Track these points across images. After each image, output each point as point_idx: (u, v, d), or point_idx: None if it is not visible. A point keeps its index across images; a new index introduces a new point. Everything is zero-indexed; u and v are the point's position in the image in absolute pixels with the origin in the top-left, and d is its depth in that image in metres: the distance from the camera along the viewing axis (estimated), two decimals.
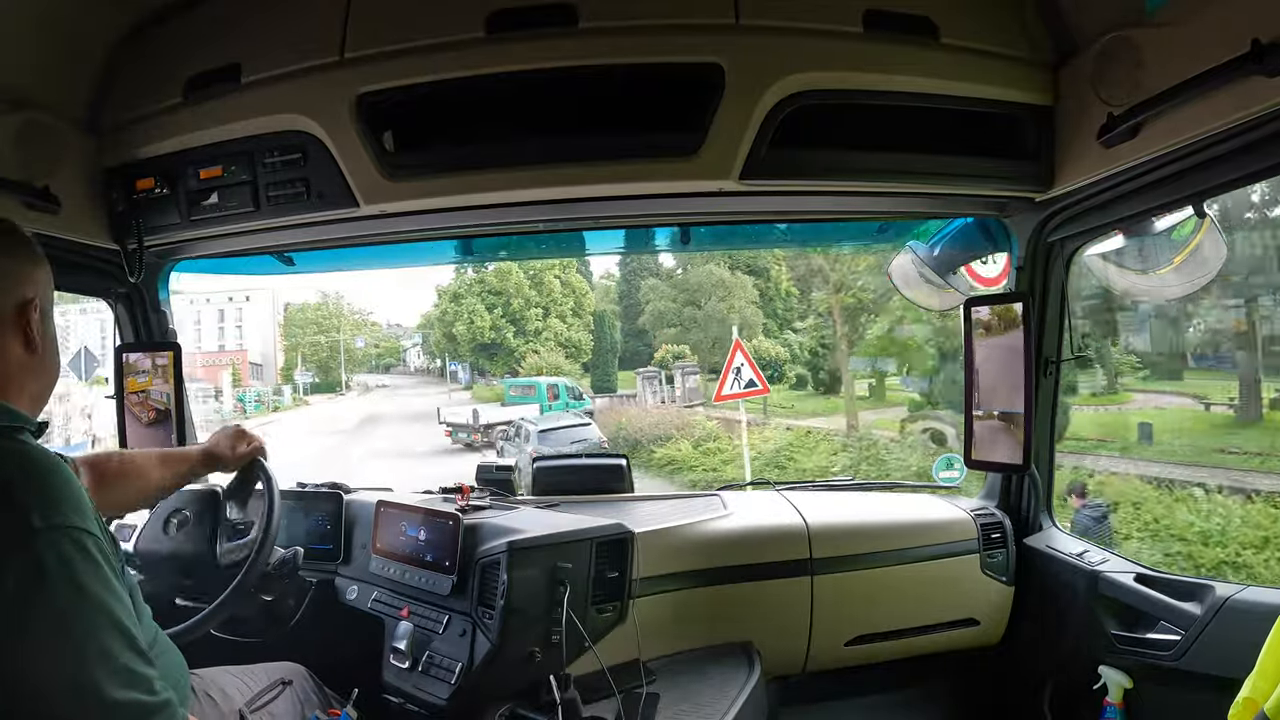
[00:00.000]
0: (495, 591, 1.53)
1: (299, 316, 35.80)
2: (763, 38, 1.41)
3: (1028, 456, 1.78)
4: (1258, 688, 0.96)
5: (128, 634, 0.85)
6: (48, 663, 0.79)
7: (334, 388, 34.71)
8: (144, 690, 0.84)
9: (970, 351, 1.88)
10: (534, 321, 27.37)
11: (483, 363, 29.27)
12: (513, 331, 27.44)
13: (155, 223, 1.66)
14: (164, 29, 1.57)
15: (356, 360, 37.27)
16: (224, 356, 32.41)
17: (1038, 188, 1.60)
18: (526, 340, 27.17)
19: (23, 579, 0.79)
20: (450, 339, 28.90)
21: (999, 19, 1.49)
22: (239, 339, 34.51)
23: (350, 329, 36.35)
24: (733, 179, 1.46)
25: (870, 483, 2.42)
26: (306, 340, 34.77)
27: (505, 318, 27.49)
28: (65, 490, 0.86)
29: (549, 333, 27.29)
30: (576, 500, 2.04)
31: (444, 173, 1.50)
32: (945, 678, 2.09)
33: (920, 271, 2.12)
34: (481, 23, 1.41)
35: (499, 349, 27.64)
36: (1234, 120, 1.17)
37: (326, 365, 35.33)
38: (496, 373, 28.12)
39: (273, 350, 34.80)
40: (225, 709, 1.28)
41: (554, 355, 26.20)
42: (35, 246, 1.01)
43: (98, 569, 0.84)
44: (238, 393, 29.03)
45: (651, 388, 21.56)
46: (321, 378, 34.95)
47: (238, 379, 31.14)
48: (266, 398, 30.21)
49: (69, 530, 0.83)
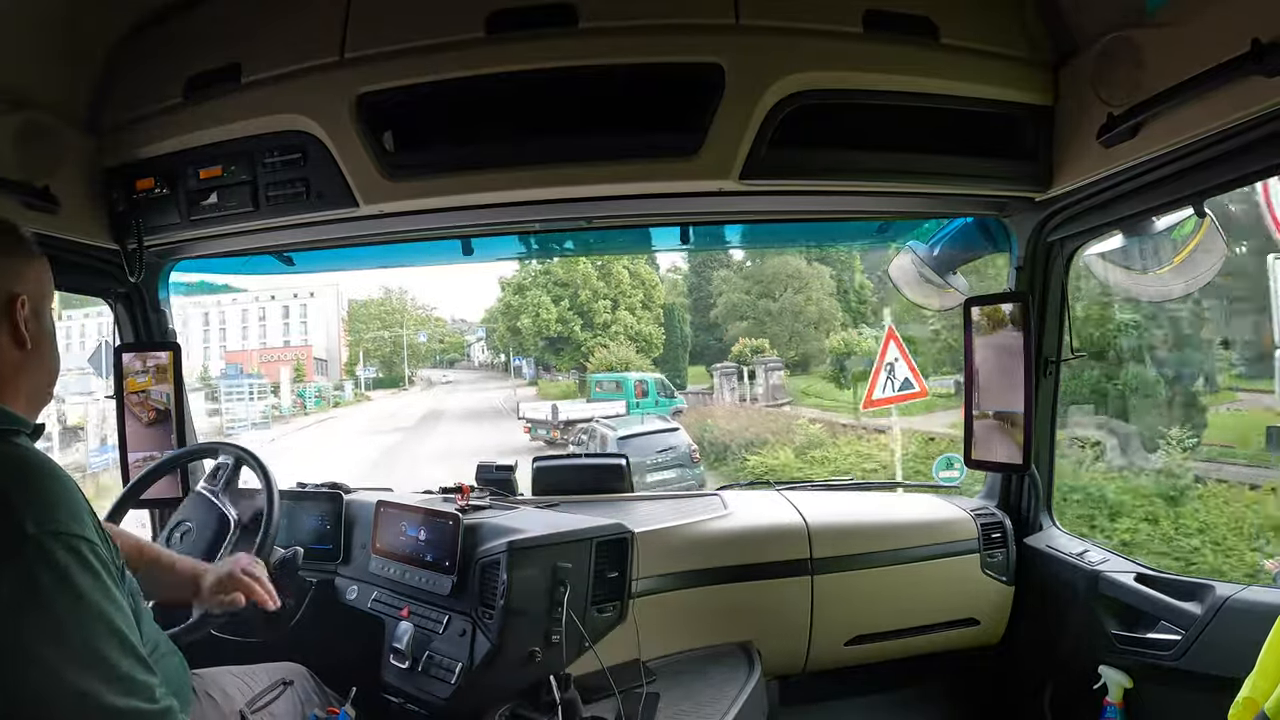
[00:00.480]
0: (495, 591, 1.53)
1: (362, 312, 35.58)
2: (763, 38, 1.41)
3: (1028, 456, 1.78)
4: (1258, 687, 0.97)
5: (127, 641, 0.84)
6: (46, 671, 0.78)
7: (397, 383, 34.37)
8: (144, 698, 0.83)
9: (970, 351, 1.88)
10: (602, 314, 25.93)
11: (548, 357, 28.06)
12: (580, 324, 26.10)
13: (155, 223, 1.66)
14: (164, 29, 1.57)
15: (420, 355, 36.91)
16: (289, 352, 32.31)
17: (1037, 188, 1.60)
18: (594, 334, 25.80)
19: (18, 587, 0.79)
20: (515, 333, 27.78)
21: (999, 19, 1.49)
22: (304, 334, 34.50)
23: (414, 324, 35.99)
24: (733, 179, 1.46)
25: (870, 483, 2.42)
26: (370, 335, 34.47)
27: (572, 310, 26.11)
28: (62, 496, 0.86)
29: (618, 326, 25.87)
30: (576, 500, 2.04)
31: (444, 173, 1.50)
32: (945, 677, 2.09)
33: (920, 271, 2.12)
34: (481, 23, 1.41)
35: (565, 343, 26.41)
36: (1234, 120, 1.17)
37: (390, 360, 35.08)
38: (562, 367, 27.11)
39: (337, 346, 34.77)
40: (226, 709, 1.28)
41: (624, 349, 24.71)
42: (27, 244, 1.01)
43: (95, 576, 0.83)
44: (298, 388, 28.47)
45: (729, 384, 20.26)
46: (385, 373, 34.69)
47: (301, 374, 30.80)
48: (327, 393, 29.73)
49: (64, 537, 0.82)
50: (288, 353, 32.24)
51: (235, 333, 34.04)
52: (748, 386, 20.06)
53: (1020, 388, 1.77)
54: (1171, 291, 1.67)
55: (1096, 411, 9.25)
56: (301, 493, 1.93)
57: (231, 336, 33.86)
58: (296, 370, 31.00)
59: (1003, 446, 1.83)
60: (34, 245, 1.01)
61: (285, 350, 32.58)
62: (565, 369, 26.87)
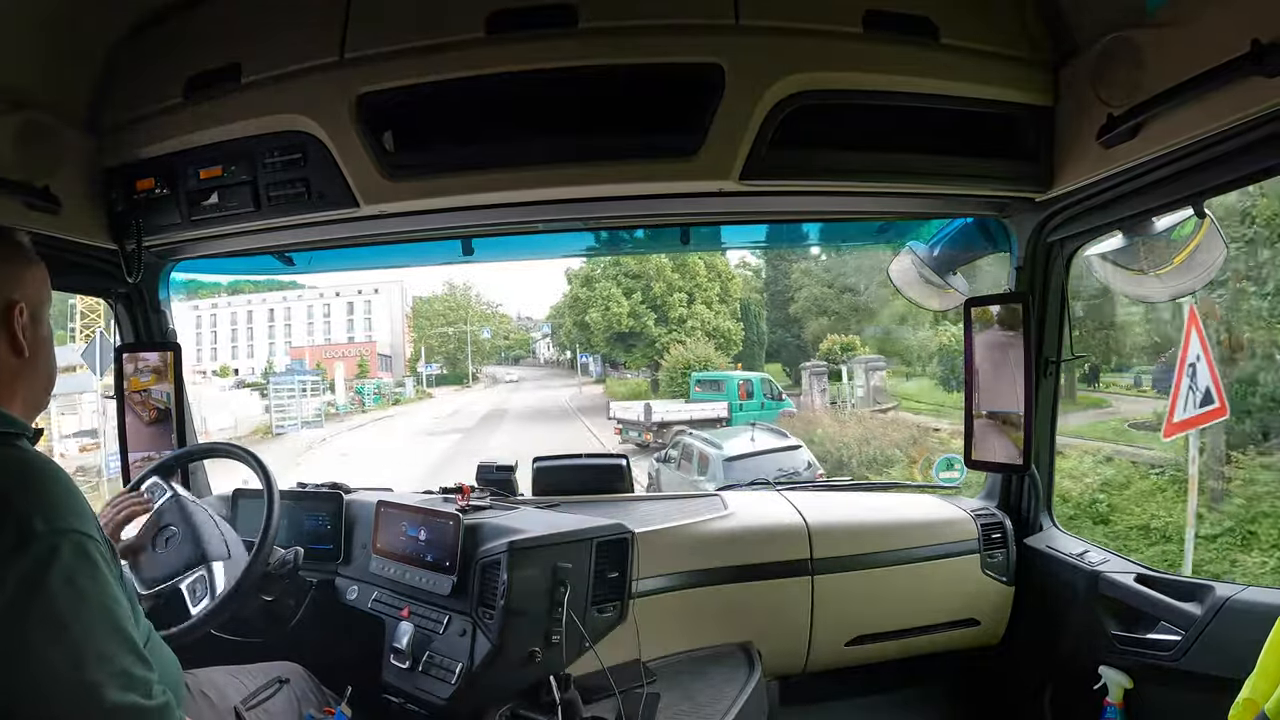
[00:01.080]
0: (496, 591, 1.53)
1: (426, 308, 35.05)
2: (763, 38, 1.41)
3: (1028, 457, 1.78)
4: (1258, 688, 0.97)
5: (127, 638, 0.85)
6: (47, 665, 0.79)
7: (461, 380, 33.81)
8: (142, 693, 0.84)
9: (970, 352, 1.88)
10: (677, 308, 24.08)
11: (617, 354, 26.25)
12: (654, 319, 24.32)
13: (155, 223, 1.66)
14: (164, 29, 1.57)
15: (485, 352, 36.39)
16: (353, 348, 32.12)
17: (1037, 188, 1.60)
18: (669, 329, 24.04)
19: (23, 582, 0.80)
20: (582, 328, 25.93)
21: (999, 19, 1.49)
22: (368, 330, 34.33)
23: (478, 320, 35.37)
24: (733, 179, 1.46)
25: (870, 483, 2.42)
26: (434, 332, 33.91)
27: (645, 304, 24.29)
28: (65, 495, 0.87)
29: (694, 320, 24.03)
30: (576, 500, 2.04)
31: (444, 173, 1.50)
32: (945, 678, 2.09)
33: (920, 272, 2.12)
34: (481, 23, 1.41)
35: (637, 338, 24.58)
36: (1234, 120, 1.17)
37: (454, 357, 34.57)
38: (633, 365, 25.52)
39: (401, 342, 34.52)
40: (221, 707, 1.28)
41: (702, 346, 22.77)
42: (25, 250, 1.01)
43: (97, 572, 0.84)
44: (356, 384, 27.78)
45: (819, 385, 18.09)
46: (449, 369, 34.16)
47: (365, 370, 30.39)
48: (387, 390, 28.94)
49: (70, 534, 0.83)
50: (351, 349, 31.94)
51: (300, 329, 33.93)
52: (844, 388, 17.82)
53: (1020, 388, 1.77)
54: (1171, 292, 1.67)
55: None
56: (302, 493, 1.94)
57: (297, 332, 33.72)
58: (360, 366, 30.49)
59: (1003, 447, 1.83)
60: (31, 251, 1.01)
61: (350, 346, 32.29)
62: (637, 366, 25.32)
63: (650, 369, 24.34)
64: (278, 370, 26.69)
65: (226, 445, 1.77)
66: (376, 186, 1.49)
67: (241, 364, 31.99)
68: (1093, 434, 9.80)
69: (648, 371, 24.85)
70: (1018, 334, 1.78)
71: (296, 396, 21.75)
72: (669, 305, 24.20)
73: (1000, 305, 1.83)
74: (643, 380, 25.23)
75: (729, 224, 2.09)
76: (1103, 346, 11.26)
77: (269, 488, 1.57)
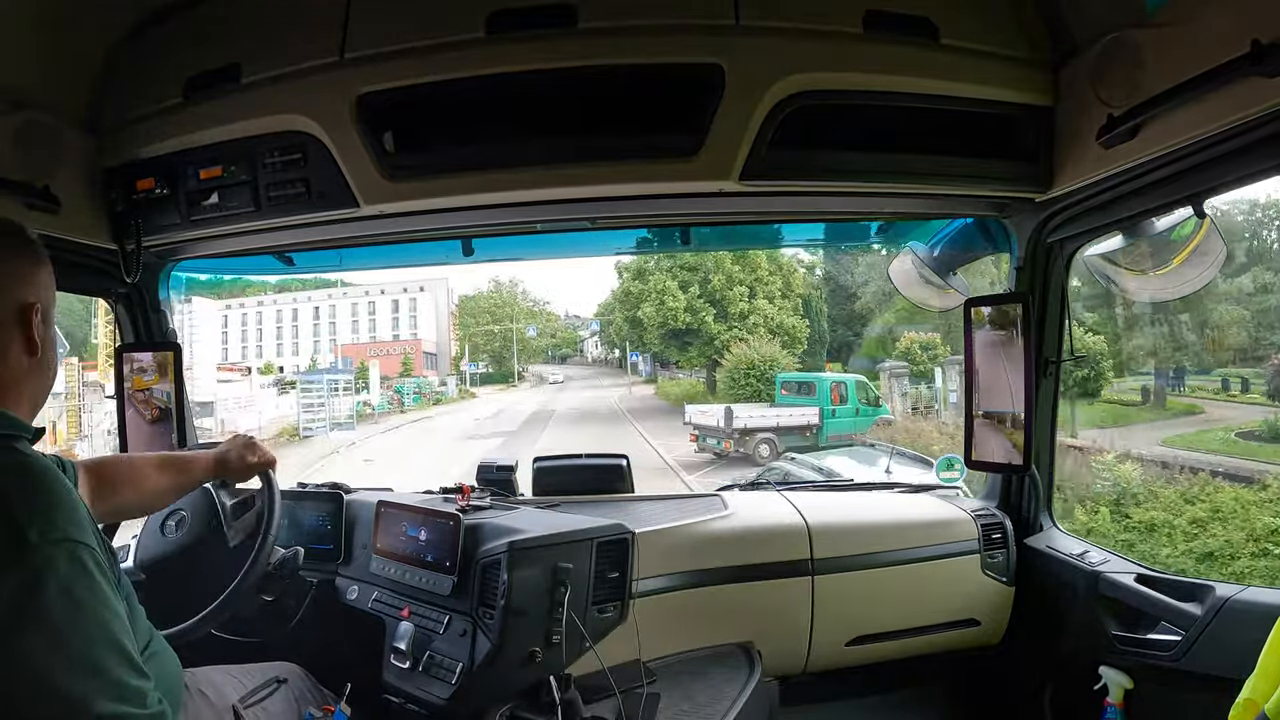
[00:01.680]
0: (496, 592, 1.53)
1: (471, 305, 34.14)
2: (763, 38, 1.41)
3: (1028, 457, 1.78)
4: (1258, 689, 0.97)
5: (122, 649, 0.84)
6: (39, 676, 0.79)
7: (506, 379, 32.76)
8: (135, 704, 0.83)
9: (970, 352, 1.89)
10: (738, 302, 22.07)
11: (671, 352, 24.04)
12: (713, 314, 22.26)
13: (155, 223, 1.66)
14: (164, 29, 1.57)
15: (531, 351, 35.39)
16: (398, 346, 31.53)
17: (1037, 188, 1.60)
18: (729, 325, 22.02)
19: (18, 592, 0.79)
20: (634, 324, 23.78)
21: (999, 20, 1.49)
22: (413, 328, 33.68)
23: (524, 317, 34.28)
24: (733, 179, 1.46)
25: (870, 483, 2.42)
26: (479, 330, 32.97)
27: (703, 298, 22.24)
28: (63, 502, 0.86)
29: (756, 316, 21.95)
30: (576, 500, 2.04)
31: (444, 173, 1.50)
32: (946, 678, 2.09)
33: (920, 272, 2.12)
34: (481, 23, 1.41)
35: (694, 335, 22.41)
36: (1233, 120, 1.17)
37: (499, 355, 33.65)
38: (689, 364, 23.51)
39: (446, 340, 33.98)
40: (219, 706, 1.28)
41: (768, 345, 20.63)
42: (38, 248, 1.00)
43: (93, 582, 0.83)
44: (395, 384, 26.76)
45: (900, 387, 16.74)
46: (495, 368, 33.26)
47: (408, 369, 29.51)
48: (428, 389, 27.68)
49: (65, 544, 0.83)
50: (396, 347, 31.39)
51: (345, 326, 33.48)
52: (939, 391, 16.06)
53: (1020, 388, 1.77)
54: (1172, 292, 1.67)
55: None
56: (302, 493, 1.94)
57: (342, 330, 33.30)
58: (404, 364, 29.72)
59: (1003, 447, 1.83)
60: (43, 250, 1.01)
61: (395, 344, 31.71)
62: (691, 365, 23.21)
63: (707, 368, 22.56)
64: (320, 367, 26.05)
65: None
66: (376, 186, 1.49)
67: (287, 361, 31.57)
68: (1203, 445, 8.44)
69: (702, 371, 23.30)
70: (1018, 334, 1.78)
71: (327, 396, 20.73)
72: (729, 300, 22.12)
73: (1000, 305, 1.83)
74: (697, 381, 23.56)
75: (729, 224, 2.09)
76: (1195, 349, 10.56)
77: (269, 487, 1.57)
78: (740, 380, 20.04)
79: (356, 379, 24.01)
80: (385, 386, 26.42)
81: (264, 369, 30.29)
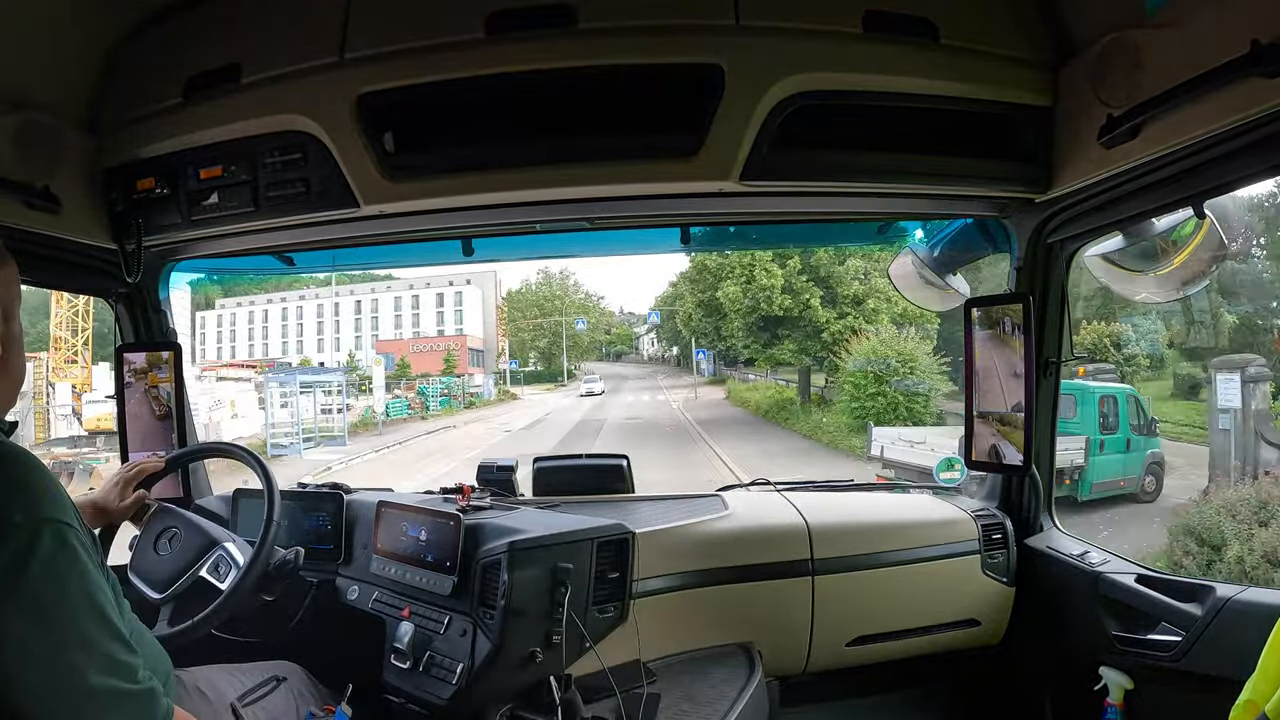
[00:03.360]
0: (496, 592, 1.53)
1: (519, 299, 31.94)
2: (763, 38, 1.41)
3: (1028, 457, 1.78)
4: (1258, 690, 0.96)
5: (109, 623, 0.86)
6: (29, 652, 0.81)
7: (555, 377, 29.95)
8: (125, 678, 0.85)
9: (970, 352, 1.89)
10: (850, 282, 16.73)
11: (755, 347, 17.93)
12: (819, 296, 16.82)
13: (155, 223, 1.66)
14: (164, 29, 1.57)
15: (583, 347, 33.05)
16: (442, 342, 30.00)
17: (1037, 188, 1.60)
18: (840, 312, 16.76)
19: (5, 571, 0.81)
20: (709, 310, 18.11)
21: (999, 20, 1.49)
22: (458, 324, 31.74)
23: (575, 311, 31.80)
24: (733, 179, 1.46)
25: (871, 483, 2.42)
26: (527, 323, 30.44)
27: (805, 274, 16.86)
28: (44, 485, 0.88)
29: (876, 300, 16.56)
30: (577, 500, 2.04)
31: (444, 173, 1.50)
32: (946, 678, 2.09)
33: (920, 273, 2.12)
34: (481, 23, 1.41)
35: (793, 325, 16.88)
36: (1234, 121, 1.17)
37: (549, 353, 31.29)
38: (775, 361, 17.33)
39: (495, 336, 32.19)
40: (218, 704, 1.28)
41: (900, 340, 14.98)
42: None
43: (77, 559, 0.86)
44: (419, 384, 23.50)
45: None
46: (545, 366, 30.98)
47: (451, 366, 26.99)
48: (459, 390, 24.20)
49: (49, 523, 0.84)
50: (441, 343, 29.96)
51: (388, 321, 31.86)
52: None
53: (1020, 388, 1.77)
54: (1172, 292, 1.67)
55: None
56: (302, 493, 1.93)
57: (384, 325, 31.72)
58: (446, 362, 27.41)
59: (1003, 447, 1.83)
60: (1, 249, 0.98)
61: (439, 340, 30.21)
62: (782, 363, 17.25)
63: (802, 371, 16.92)
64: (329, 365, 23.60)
65: (226, 445, 1.78)
66: (376, 186, 1.49)
67: (328, 357, 30.11)
68: None
69: (777, 371, 17.94)
70: (1018, 334, 1.78)
71: (302, 398, 17.22)
72: (837, 279, 16.54)
73: (1000, 305, 1.83)
74: (781, 386, 17.86)
75: (729, 224, 2.09)
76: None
77: (269, 487, 1.57)
78: (868, 388, 14.16)
79: (360, 381, 21.66)
80: (406, 387, 23.46)
81: (302, 365, 28.44)
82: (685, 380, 24.53)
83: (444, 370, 26.61)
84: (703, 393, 21.61)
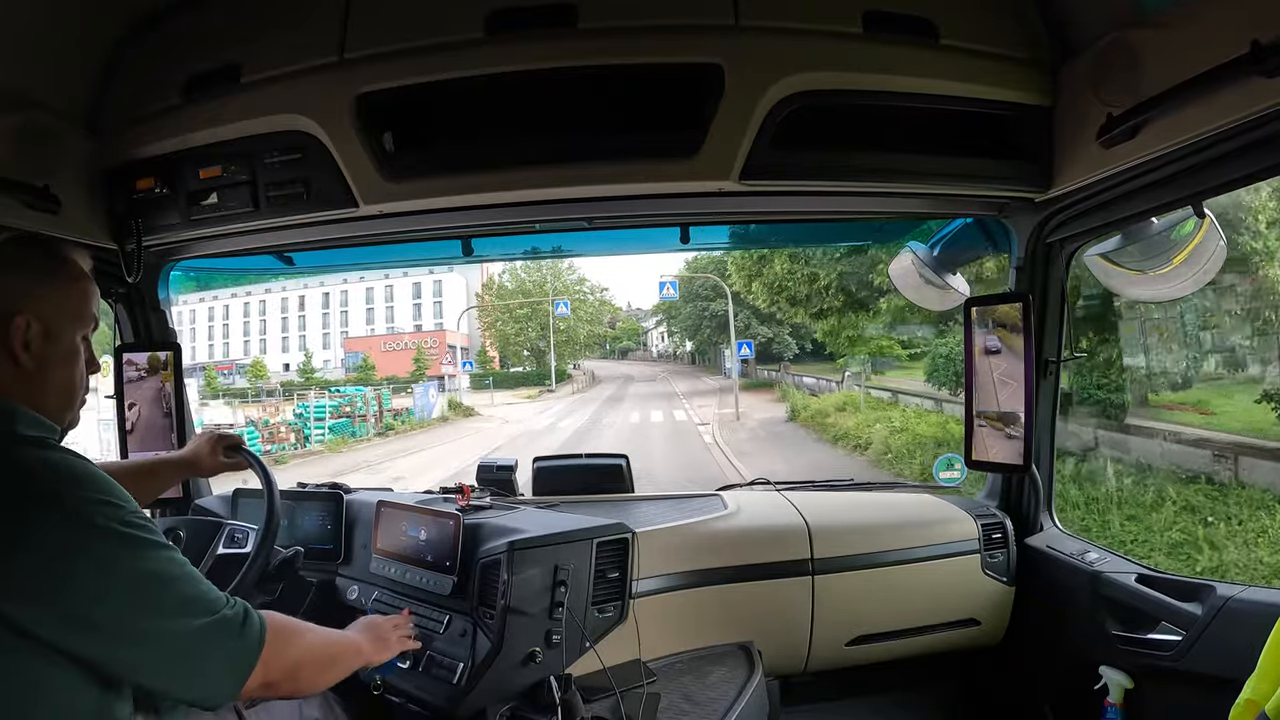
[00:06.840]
0: (496, 591, 1.53)
1: (502, 287, 27.36)
2: (762, 38, 1.41)
3: (1028, 457, 1.78)
4: (1259, 689, 0.96)
5: (191, 573, 0.94)
6: (135, 626, 0.88)
7: (542, 379, 24.24)
8: (222, 609, 0.94)
9: (970, 352, 1.89)
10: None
11: (841, 340, 13.84)
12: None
13: (155, 223, 1.66)
14: (164, 29, 1.57)
15: (579, 342, 27.76)
16: (418, 338, 26.03)
17: (1037, 188, 1.60)
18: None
19: (98, 570, 0.86)
20: (772, 288, 13.21)
21: (998, 20, 1.49)
22: (437, 317, 27.57)
23: (566, 295, 26.16)
24: (732, 179, 1.46)
25: (871, 483, 2.42)
26: (509, 319, 25.53)
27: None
28: (106, 485, 0.92)
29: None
30: (576, 500, 2.04)
31: (443, 173, 1.50)
32: (946, 678, 2.09)
33: (920, 272, 2.12)
34: (481, 23, 1.41)
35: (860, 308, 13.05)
36: (1233, 121, 1.17)
37: (535, 346, 26.11)
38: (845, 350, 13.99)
39: (479, 330, 28.38)
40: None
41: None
42: (34, 263, 1.01)
43: (155, 542, 0.92)
44: (299, 401, 17.62)
45: None
46: (534, 364, 25.91)
47: (421, 365, 22.73)
48: (369, 407, 16.87)
49: (120, 511, 0.90)
50: (415, 339, 26.35)
51: (360, 315, 28.54)
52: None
53: (1020, 388, 1.77)
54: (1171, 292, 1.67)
55: None
56: (302, 493, 1.94)
57: (355, 321, 28.43)
58: (416, 361, 23.61)
59: (1003, 447, 1.83)
60: (53, 264, 1.02)
61: (413, 336, 26.60)
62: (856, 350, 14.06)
63: (878, 357, 13.00)
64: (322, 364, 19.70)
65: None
66: (376, 186, 1.49)
67: (292, 357, 27.27)
68: None
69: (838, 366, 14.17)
70: (1018, 334, 1.78)
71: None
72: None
73: (1000, 305, 1.83)
74: (846, 391, 13.97)
75: (729, 223, 2.09)
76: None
77: (269, 487, 1.57)
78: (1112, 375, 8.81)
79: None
80: (266, 407, 16.96)
81: (253, 369, 25.04)
82: (706, 383, 18.50)
83: (413, 372, 22.76)
84: (752, 406, 14.29)
